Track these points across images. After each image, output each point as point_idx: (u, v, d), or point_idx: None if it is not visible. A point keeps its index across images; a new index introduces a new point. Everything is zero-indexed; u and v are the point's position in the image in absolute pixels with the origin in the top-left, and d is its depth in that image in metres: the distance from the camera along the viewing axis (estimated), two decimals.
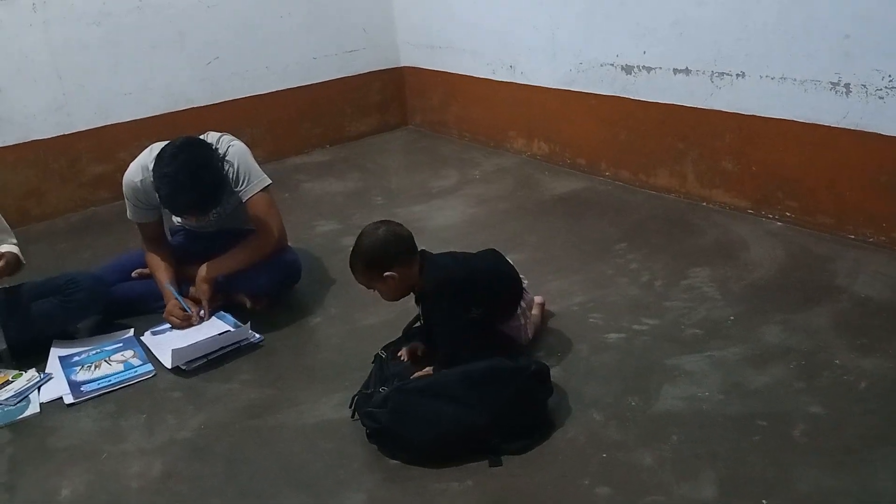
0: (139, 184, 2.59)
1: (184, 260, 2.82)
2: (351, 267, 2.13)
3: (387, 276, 2.06)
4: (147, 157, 2.58)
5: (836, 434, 1.84)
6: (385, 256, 2.06)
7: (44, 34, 3.88)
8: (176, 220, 2.86)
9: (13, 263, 2.48)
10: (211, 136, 2.69)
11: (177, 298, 2.65)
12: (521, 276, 2.31)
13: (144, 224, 2.74)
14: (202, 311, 2.65)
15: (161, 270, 2.72)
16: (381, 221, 2.14)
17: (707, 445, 1.84)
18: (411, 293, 2.18)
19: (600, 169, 3.87)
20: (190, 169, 2.37)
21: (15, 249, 2.54)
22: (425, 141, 4.98)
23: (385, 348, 2.24)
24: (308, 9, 4.69)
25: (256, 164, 2.71)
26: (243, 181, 2.65)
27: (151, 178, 2.47)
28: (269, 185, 2.71)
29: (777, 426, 1.88)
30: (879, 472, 1.70)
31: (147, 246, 2.78)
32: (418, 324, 2.28)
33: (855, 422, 1.87)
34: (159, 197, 2.47)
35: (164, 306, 2.66)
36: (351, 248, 2.13)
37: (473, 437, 1.87)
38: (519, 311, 2.25)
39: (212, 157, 2.47)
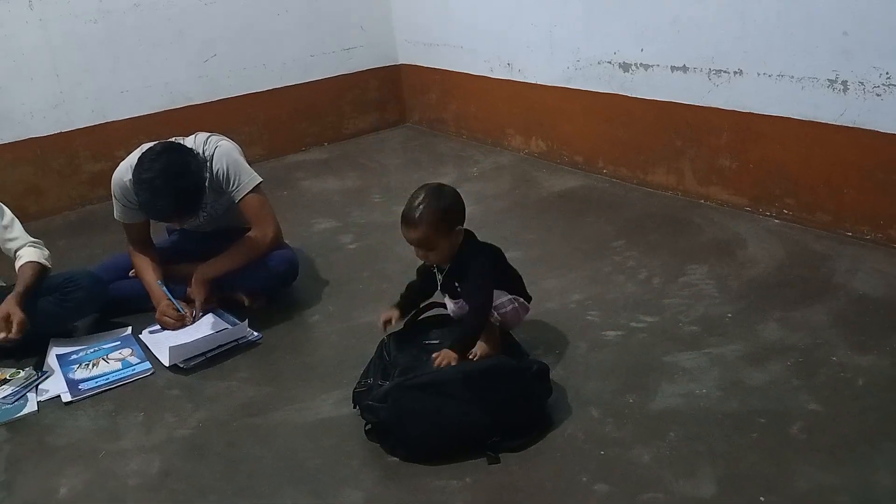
0: (128, 183, 2.57)
1: (180, 259, 2.81)
2: (417, 219, 2.00)
3: (458, 229, 2.06)
4: (137, 156, 2.57)
5: (834, 431, 1.84)
6: (460, 210, 2.09)
7: (41, 31, 3.87)
8: None
9: (35, 284, 2.50)
10: (199, 137, 2.68)
11: (169, 299, 2.64)
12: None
13: (131, 225, 2.72)
14: (194, 312, 2.64)
15: (149, 271, 2.71)
16: (436, 183, 2.12)
17: (705, 442, 1.84)
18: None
19: (598, 166, 3.87)
20: (167, 175, 2.36)
21: (34, 257, 2.54)
22: (423, 139, 4.97)
23: (389, 336, 2.21)
24: (306, 6, 4.69)
25: (246, 163, 2.70)
26: (234, 182, 2.63)
27: None
28: (259, 184, 2.68)
29: (775, 423, 1.88)
30: (877, 468, 1.70)
31: (134, 247, 2.76)
32: (423, 315, 2.26)
33: (853, 419, 1.88)
34: (138, 202, 2.47)
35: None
36: (411, 206, 2.03)
37: (472, 434, 1.87)
38: (511, 299, 2.18)
39: (190, 164, 2.45)
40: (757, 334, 2.28)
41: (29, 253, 2.55)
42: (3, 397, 2.32)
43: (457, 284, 2.13)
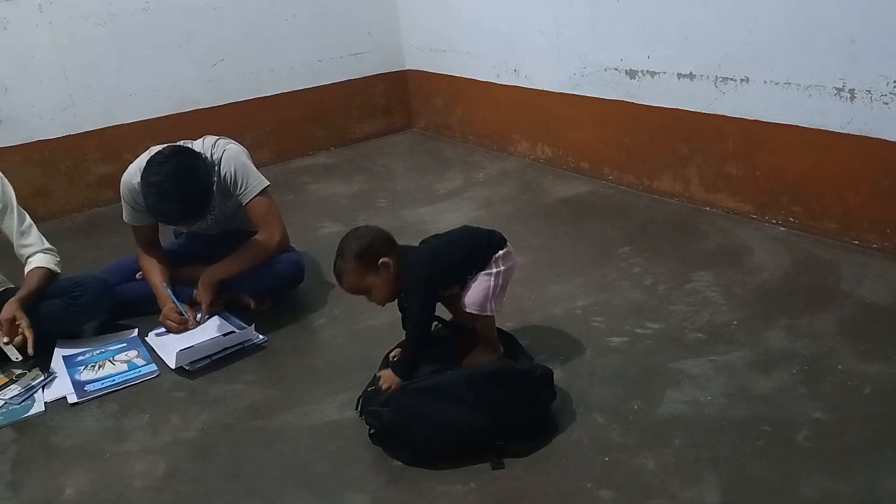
0: (136, 186, 2.57)
1: (187, 262, 2.82)
2: (340, 271, 2.04)
3: (382, 262, 2.01)
4: (146, 159, 2.58)
5: (840, 439, 1.84)
6: (378, 243, 2.03)
7: (50, 34, 3.90)
8: None
9: (40, 289, 2.51)
10: (207, 140, 2.69)
11: (174, 302, 2.65)
12: (503, 239, 2.16)
13: (140, 227, 2.73)
14: (199, 315, 2.65)
15: (156, 274, 2.72)
16: (354, 227, 2.10)
17: (710, 449, 1.84)
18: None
19: (604, 173, 3.87)
20: (176, 179, 2.37)
21: (43, 262, 2.55)
22: (430, 144, 4.98)
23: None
24: (313, 11, 4.71)
25: (253, 167, 2.71)
26: (241, 185, 2.64)
27: None
28: (267, 187, 2.70)
29: (781, 431, 1.88)
30: (883, 476, 1.70)
31: (142, 249, 2.77)
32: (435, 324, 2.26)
33: (859, 426, 1.87)
34: (146, 206, 2.48)
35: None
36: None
37: (476, 438, 1.87)
38: (491, 269, 2.09)
39: (198, 168, 2.45)
40: (763, 342, 2.28)
41: (38, 259, 2.56)
42: (10, 398, 2.33)
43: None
